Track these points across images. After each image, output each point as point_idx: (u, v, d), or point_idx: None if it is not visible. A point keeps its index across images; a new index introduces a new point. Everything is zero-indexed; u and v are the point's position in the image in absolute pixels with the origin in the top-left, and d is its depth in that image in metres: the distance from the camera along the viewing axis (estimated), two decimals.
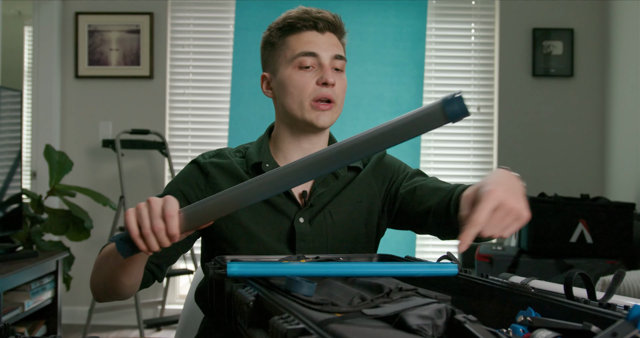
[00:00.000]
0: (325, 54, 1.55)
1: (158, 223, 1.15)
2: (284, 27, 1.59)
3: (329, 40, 1.57)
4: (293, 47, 1.57)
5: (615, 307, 0.89)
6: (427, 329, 0.81)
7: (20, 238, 3.56)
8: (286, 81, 1.57)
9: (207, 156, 1.65)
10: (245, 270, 1.06)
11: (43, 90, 4.55)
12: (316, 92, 1.53)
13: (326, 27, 1.58)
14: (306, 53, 1.54)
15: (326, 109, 1.54)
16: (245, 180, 1.48)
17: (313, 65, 1.55)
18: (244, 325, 0.96)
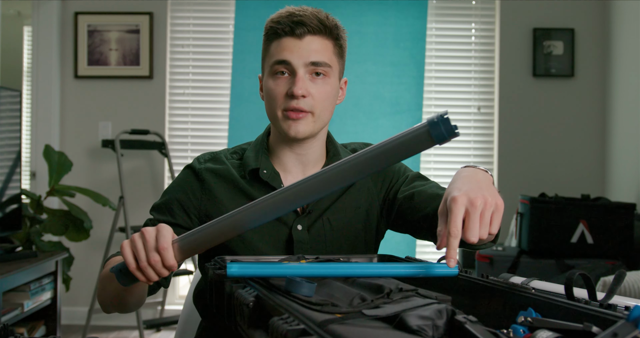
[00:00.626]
0: (298, 61, 1.48)
1: (154, 255, 1.15)
2: (268, 33, 1.55)
3: (309, 45, 1.48)
4: (271, 54, 1.52)
5: (615, 308, 0.88)
6: (428, 330, 0.81)
7: (19, 238, 3.56)
8: (266, 88, 1.54)
9: (203, 160, 1.61)
10: (245, 270, 1.05)
11: (42, 90, 4.54)
12: (285, 103, 1.49)
13: (306, 31, 1.48)
14: (279, 61, 1.49)
15: (297, 117, 1.48)
16: (242, 186, 1.54)
17: (288, 72, 1.50)
18: (243, 326, 0.95)
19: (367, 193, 1.63)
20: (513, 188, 4.41)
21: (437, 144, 1.02)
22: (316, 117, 1.50)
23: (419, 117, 4.36)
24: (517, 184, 4.45)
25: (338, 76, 1.57)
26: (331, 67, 1.51)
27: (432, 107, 4.58)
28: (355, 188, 1.61)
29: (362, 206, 1.61)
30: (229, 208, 1.49)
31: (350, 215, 1.59)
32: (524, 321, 0.86)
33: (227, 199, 1.54)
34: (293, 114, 1.47)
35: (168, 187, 1.61)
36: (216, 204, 1.54)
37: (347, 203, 1.59)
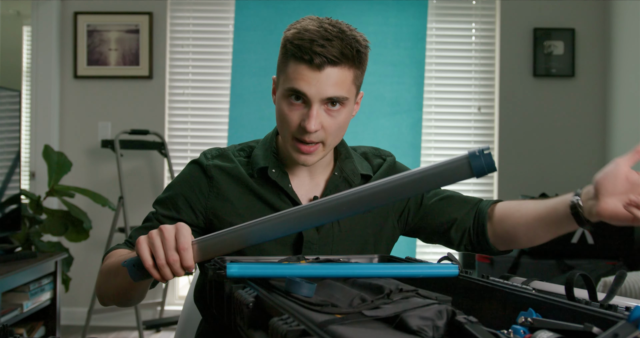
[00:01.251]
0: (314, 95, 1.40)
1: (173, 255, 1.14)
2: (287, 47, 1.44)
3: (328, 78, 1.39)
4: (289, 75, 1.42)
5: (616, 308, 0.89)
6: (428, 330, 0.80)
7: (19, 238, 3.56)
8: (278, 106, 1.47)
9: (210, 156, 1.58)
10: (245, 270, 1.05)
11: (42, 90, 4.53)
12: (297, 133, 1.43)
13: (328, 63, 1.38)
14: (295, 90, 1.40)
15: (309, 151, 1.45)
16: (250, 185, 1.53)
17: (304, 100, 1.41)
18: (243, 327, 0.95)
19: None
20: (513, 189, 4.41)
21: (474, 177, 1.05)
22: (326, 146, 1.48)
23: (419, 118, 4.35)
24: (518, 184, 4.44)
25: (354, 100, 1.53)
26: (348, 98, 1.45)
27: (432, 107, 4.57)
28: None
29: (373, 210, 1.60)
30: (238, 206, 1.51)
31: (360, 218, 1.57)
32: (524, 322, 0.85)
33: (235, 198, 1.52)
34: (304, 148, 1.44)
35: (173, 181, 1.59)
36: (224, 202, 1.52)
37: None
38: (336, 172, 1.59)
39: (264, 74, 4.26)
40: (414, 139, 4.34)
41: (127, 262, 1.19)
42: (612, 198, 1.29)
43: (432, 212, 1.62)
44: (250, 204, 1.52)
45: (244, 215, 1.49)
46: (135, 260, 1.18)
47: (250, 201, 1.52)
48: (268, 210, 1.50)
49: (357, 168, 1.61)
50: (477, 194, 4.54)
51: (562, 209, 1.40)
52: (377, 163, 1.67)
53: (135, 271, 1.18)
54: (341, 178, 1.58)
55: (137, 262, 1.18)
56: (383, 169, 1.65)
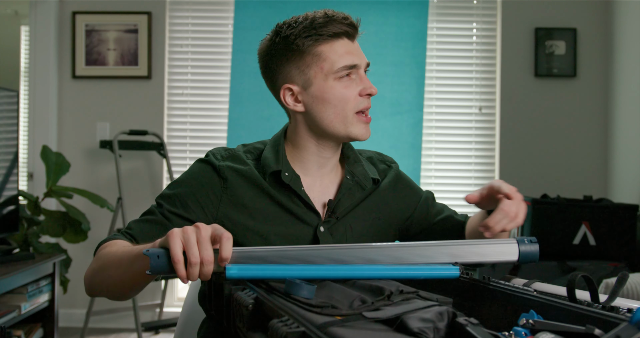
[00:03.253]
0: (362, 63, 1.52)
1: (208, 255, 1.09)
2: (313, 35, 1.51)
3: (359, 47, 1.56)
4: (331, 59, 1.49)
5: (618, 310, 0.89)
6: (429, 332, 0.81)
7: (16, 240, 3.55)
8: (327, 94, 1.49)
9: (220, 157, 1.55)
10: (244, 272, 1.06)
11: (40, 90, 4.51)
12: (360, 105, 1.50)
13: (355, 33, 1.55)
14: (350, 66, 1.49)
15: (370, 120, 1.53)
16: (265, 187, 1.52)
17: (355, 74, 1.52)
18: (243, 328, 0.96)
19: (386, 204, 1.64)
20: None
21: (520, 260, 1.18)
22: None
23: (419, 118, 4.34)
24: (519, 185, 4.35)
25: None
26: None
27: (433, 107, 4.56)
28: (376, 195, 1.63)
29: (382, 217, 1.62)
30: (252, 210, 1.50)
31: (369, 223, 1.59)
32: (525, 323, 0.85)
33: (250, 201, 1.51)
34: (367, 118, 1.52)
35: (182, 178, 1.55)
36: (238, 205, 1.51)
37: (367, 211, 1.60)
38: (347, 175, 1.60)
39: None
40: (415, 139, 4.32)
41: (150, 252, 1.11)
42: None
43: (433, 229, 1.70)
44: (264, 207, 1.51)
45: (258, 218, 1.50)
46: (161, 252, 1.12)
47: (265, 204, 1.51)
48: (282, 213, 1.51)
49: (368, 172, 1.62)
50: None
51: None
52: (382, 169, 1.71)
53: (159, 264, 1.11)
54: (353, 181, 1.60)
55: (162, 254, 1.11)
56: (391, 178, 1.68)
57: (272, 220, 1.50)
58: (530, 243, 1.17)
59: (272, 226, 1.50)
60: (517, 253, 1.18)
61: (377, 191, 1.63)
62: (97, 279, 1.39)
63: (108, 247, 1.40)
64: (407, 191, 1.71)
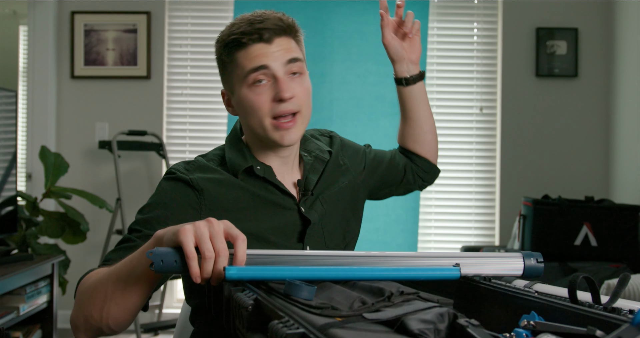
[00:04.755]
0: (276, 63, 1.46)
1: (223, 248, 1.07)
2: (230, 44, 1.49)
3: (280, 46, 1.48)
4: (242, 65, 1.47)
5: (620, 311, 0.88)
6: (429, 334, 0.80)
7: (15, 241, 3.55)
8: (243, 101, 1.49)
9: (187, 171, 1.52)
10: (244, 273, 1.05)
11: (38, 90, 4.50)
12: (274, 110, 1.46)
13: (274, 34, 1.48)
14: (256, 68, 1.46)
15: (289, 126, 1.48)
16: (242, 187, 1.52)
17: (267, 78, 1.47)
18: (242, 330, 0.95)
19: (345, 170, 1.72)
20: (516, 190, 4.38)
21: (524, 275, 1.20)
22: (303, 116, 1.51)
23: None
24: (520, 186, 4.42)
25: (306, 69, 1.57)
26: (303, 61, 1.53)
27: (433, 107, 4.51)
28: (334, 166, 1.69)
29: (343, 181, 1.70)
30: (234, 212, 1.48)
31: (337, 191, 1.68)
32: (526, 325, 0.84)
33: (230, 204, 1.49)
34: (284, 124, 1.47)
35: (154, 200, 1.51)
36: (219, 212, 1.47)
37: (332, 180, 1.66)
38: (305, 154, 1.65)
39: None
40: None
41: (155, 254, 1.06)
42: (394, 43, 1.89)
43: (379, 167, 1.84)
44: (245, 205, 1.51)
45: (243, 218, 1.47)
46: (166, 252, 1.07)
47: (245, 202, 1.50)
48: (262, 206, 1.51)
49: (320, 145, 1.69)
50: (480, 194, 4.54)
51: (398, 91, 1.88)
52: (327, 142, 1.76)
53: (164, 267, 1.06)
54: (312, 157, 1.64)
55: (169, 254, 1.07)
56: (337, 146, 1.75)
57: (255, 216, 1.50)
58: (537, 262, 1.20)
59: (258, 222, 1.49)
60: (522, 268, 1.20)
61: (332, 160, 1.68)
62: (88, 310, 1.28)
63: (93, 276, 1.33)
64: (353, 152, 1.79)
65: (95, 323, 1.28)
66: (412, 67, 1.84)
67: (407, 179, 1.91)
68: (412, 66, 1.84)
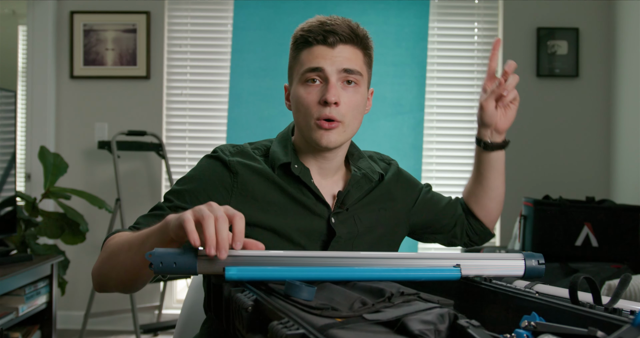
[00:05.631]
0: (330, 68, 1.50)
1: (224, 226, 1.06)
2: (298, 40, 1.56)
3: (341, 53, 1.51)
4: (302, 62, 1.53)
5: (621, 312, 0.89)
6: (430, 334, 0.80)
7: (14, 241, 3.54)
8: (295, 96, 1.55)
9: (229, 153, 1.58)
10: (244, 273, 1.05)
11: (37, 90, 4.49)
12: (319, 112, 1.50)
13: (338, 40, 1.51)
14: (312, 68, 1.51)
15: (330, 128, 1.50)
16: (276, 181, 1.56)
17: (320, 80, 1.52)
18: (242, 330, 0.95)
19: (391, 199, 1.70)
20: (516, 190, 4.37)
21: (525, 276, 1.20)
22: (346, 126, 1.53)
23: (420, 119, 4.31)
24: (521, 186, 4.41)
25: (367, 86, 1.60)
26: (362, 75, 1.54)
27: (434, 107, 4.54)
28: (382, 191, 1.68)
29: (388, 209, 1.67)
30: (262, 202, 1.52)
31: (376, 214, 1.64)
32: (527, 326, 0.84)
33: (260, 194, 1.54)
34: (326, 123, 1.50)
35: (191, 174, 1.57)
36: (248, 199, 1.53)
37: (374, 203, 1.65)
38: (354, 169, 1.64)
39: (263, 74, 4.22)
40: (416, 140, 4.30)
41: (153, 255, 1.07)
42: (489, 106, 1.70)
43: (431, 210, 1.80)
44: (274, 199, 1.54)
45: (269, 211, 1.52)
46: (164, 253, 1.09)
47: (275, 197, 1.54)
48: (292, 205, 1.54)
49: (373, 166, 1.68)
50: None
51: (476, 151, 1.82)
52: (383, 166, 1.76)
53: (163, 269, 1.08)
54: (360, 174, 1.63)
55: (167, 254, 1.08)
56: (393, 173, 1.76)
57: (283, 213, 1.52)
58: (538, 263, 1.20)
59: (284, 219, 1.52)
60: (523, 269, 1.20)
61: (382, 184, 1.68)
62: (106, 269, 1.39)
63: (117, 238, 1.42)
64: (408, 185, 1.78)
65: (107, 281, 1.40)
66: (496, 135, 1.77)
67: (454, 233, 1.85)
68: (497, 134, 1.76)
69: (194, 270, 1.10)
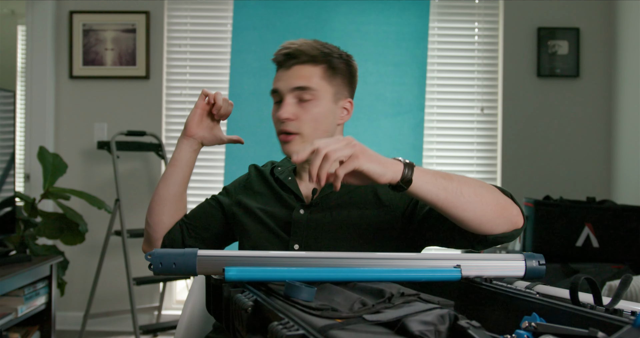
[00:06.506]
0: (283, 88, 1.68)
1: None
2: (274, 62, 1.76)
3: (296, 72, 1.67)
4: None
5: (622, 313, 0.89)
6: (430, 335, 0.80)
7: (13, 242, 3.54)
8: None
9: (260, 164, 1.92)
10: (244, 274, 1.05)
11: (36, 91, 4.49)
12: (279, 127, 1.70)
13: (296, 62, 1.68)
14: (273, 90, 1.71)
15: (287, 140, 1.68)
16: (270, 182, 1.81)
17: (279, 99, 1.70)
18: (242, 331, 0.96)
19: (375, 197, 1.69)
20: (517, 191, 4.36)
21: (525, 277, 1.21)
22: (305, 137, 1.67)
23: (421, 119, 4.30)
24: (521, 186, 4.40)
25: (332, 98, 1.70)
26: (318, 90, 1.67)
27: (434, 108, 4.53)
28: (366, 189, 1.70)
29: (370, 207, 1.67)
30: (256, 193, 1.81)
31: (357, 213, 1.66)
32: (528, 326, 0.85)
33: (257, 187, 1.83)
34: (283, 136, 1.69)
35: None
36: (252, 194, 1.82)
37: (354, 200, 1.68)
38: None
39: (263, 74, 4.21)
40: (416, 140, 4.29)
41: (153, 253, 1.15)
42: None
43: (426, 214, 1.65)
44: (268, 197, 1.79)
45: (256, 198, 1.79)
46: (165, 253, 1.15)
47: (268, 195, 1.79)
48: (271, 195, 1.78)
49: None
50: None
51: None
52: None
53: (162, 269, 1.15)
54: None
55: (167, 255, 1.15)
56: None
57: (264, 201, 1.77)
58: (539, 264, 1.21)
59: (263, 205, 1.76)
60: (523, 269, 1.21)
61: (368, 186, 1.69)
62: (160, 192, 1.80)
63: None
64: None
65: (159, 198, 1.80)
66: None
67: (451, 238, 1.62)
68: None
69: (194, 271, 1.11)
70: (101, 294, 4.36)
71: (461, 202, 1.34)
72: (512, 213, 1.42)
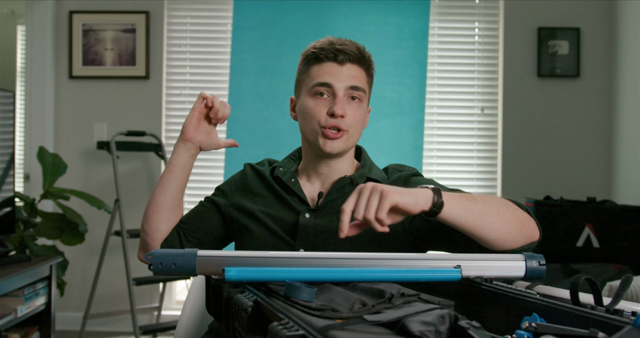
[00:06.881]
0: (339, 84, 1.66)
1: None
2: (309, 56, 1.72)
3: (349, 71, 1.67)
4: (313, 76, 1.69)
5: (622, 313, 0.89)
6: (430, 335, 0.80)
7: (13, 242, 3.54)
8: (304, 106, 1.70)
9: (254, 163, 1.88)
10: (244, 274, 1.05)
11: (36, 91, 4.48)
12: (327, 122, 1.66)
13: (347, 59, 1.67)
14: (322, 83, 1.67)
15: (335, 137, 1.66)
16: (271, 183, 1.78)
17: (328, 94, 1.67)
18: (242, 332, 0.96)
19: None
20: (517, 191, 4.36)
21: (525, 277, 1.22)
22: (349, 136, 1.69)
23: (421, 119, 4.30)
24: (522, 186, 4.40)
25: (367, 103, 1.75)
26: (365, 92, 1.71)
27: (434, 108, 4.52)
28: None
29: None
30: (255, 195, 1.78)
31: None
32: (528, 327, 0.85)
33: (255, 189, 1.79)
34: (331, 133, 1.66)
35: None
36: (246, 192, 1.80)
37: None
38: (347, 175, 1.75)
39: (263, 74, 4.21)
40: (416, 140, 4.28)
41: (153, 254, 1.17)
42: None
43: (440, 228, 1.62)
44: (264, 193, 1.78)
45: (257, 202, 1.76)
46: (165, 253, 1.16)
47: (265, 191, 1.78)
48: (274, 198, 1.75)
49: (367, 173, 1.77)
50: None
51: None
52: (395, 176, 1.79)
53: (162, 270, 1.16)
54: (348, 179, 1.73)
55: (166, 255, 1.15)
56: (393, 180, 1.76)
57: (266, 204, 1.74)
58: (539, 264, 1.21)
59: (266, 209, 1.73)
60: (523, 270, 1.21)
61: None
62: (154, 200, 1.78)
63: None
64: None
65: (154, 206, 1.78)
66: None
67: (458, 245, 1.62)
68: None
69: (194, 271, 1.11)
70: (101, 294, 4.35)
71: (487, 223, 1.36)
72: (530, 227, 1.46)
